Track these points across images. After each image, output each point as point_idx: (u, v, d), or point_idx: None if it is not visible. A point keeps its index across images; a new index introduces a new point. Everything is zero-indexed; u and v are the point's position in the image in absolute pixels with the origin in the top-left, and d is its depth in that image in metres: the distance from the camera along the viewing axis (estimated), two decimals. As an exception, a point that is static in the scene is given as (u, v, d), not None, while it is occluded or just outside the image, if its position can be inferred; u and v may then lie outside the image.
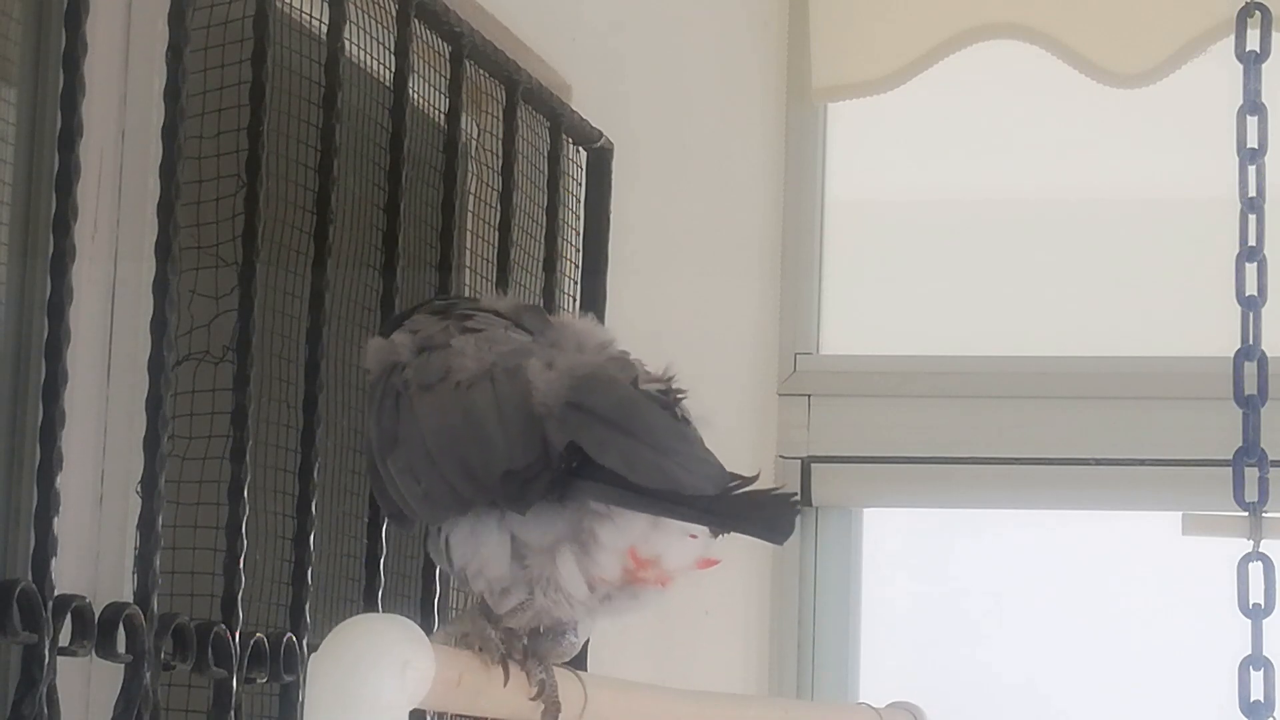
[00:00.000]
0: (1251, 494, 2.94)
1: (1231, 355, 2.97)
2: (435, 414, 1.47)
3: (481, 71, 2.37)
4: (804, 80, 3.56)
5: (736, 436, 3.48)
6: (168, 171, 1.80)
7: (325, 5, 2.06)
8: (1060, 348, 3.57)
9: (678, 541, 1.46)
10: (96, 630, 1.72)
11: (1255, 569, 2.92)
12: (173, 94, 1.81)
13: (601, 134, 2.63)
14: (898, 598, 3.63)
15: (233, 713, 1.87)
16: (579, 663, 1.79)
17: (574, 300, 2.61)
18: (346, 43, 2.07)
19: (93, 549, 1.82)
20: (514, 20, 2.50)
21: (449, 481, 1.45)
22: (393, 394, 1.50)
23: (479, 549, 1.46)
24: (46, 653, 1.66)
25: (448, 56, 2.27)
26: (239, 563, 1.87)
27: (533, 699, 1.51)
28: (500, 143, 2.41)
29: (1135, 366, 3.52)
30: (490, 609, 1.48)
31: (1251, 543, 2.93)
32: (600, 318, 2.44)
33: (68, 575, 1.72)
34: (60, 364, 1.68)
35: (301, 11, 2.05)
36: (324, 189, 2.02)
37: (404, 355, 1.52)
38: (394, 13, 2.16)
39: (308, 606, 1.97)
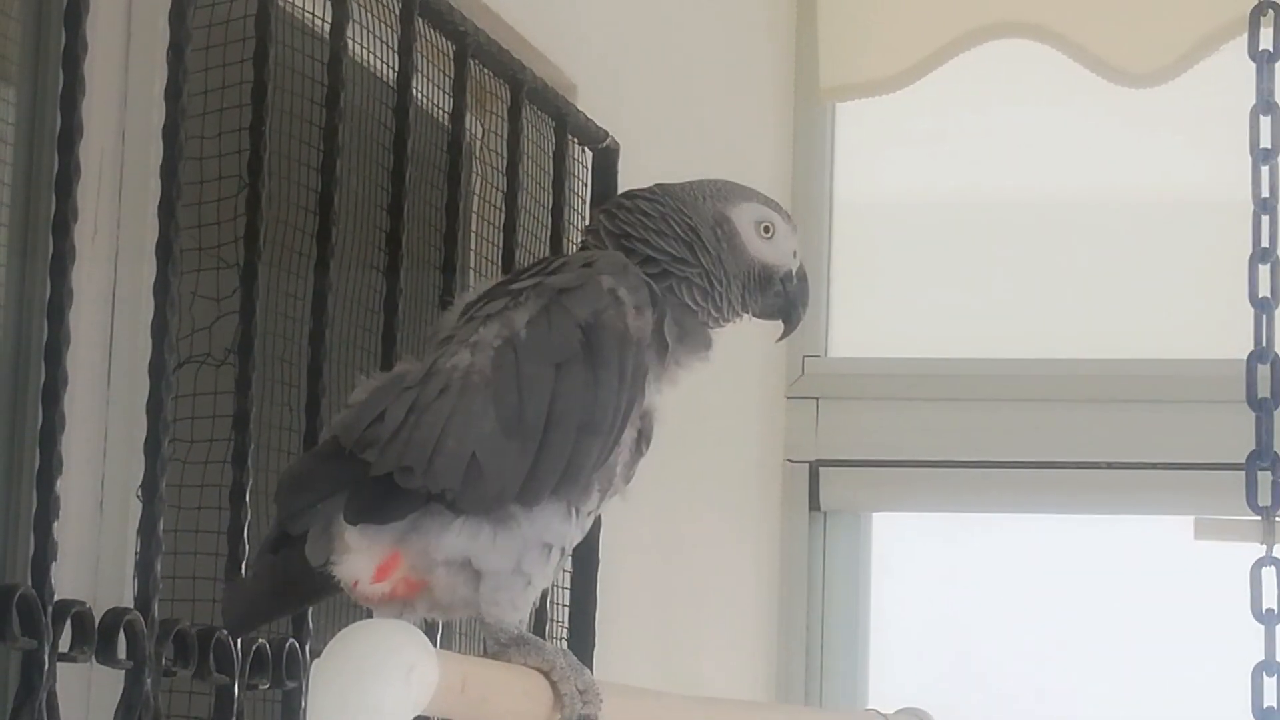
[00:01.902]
0: (1265, 498, 2.91)
1: (1245, 358, 2.95)
2: None
3: (486, 71, 2.36)
4: (812, 80, 3.55)
5: (744, 440, 3.46)
6: (169, 172, 1.79)
7: (328, 4, 2.05)
8: (1071, 350, 3.55)
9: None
10: (97, 636, 1.71)
11: (1269, 574, 2.90)
12: (174, 94, 1.80)
13: (607, 134, 2.61)
14: (906, 603, 3.61)
15: (235, 719, 1.85)
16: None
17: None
18: (349, 42, 2.06)
19: (93, 554, 1.81)
20: (519, 19, 2.49)
21: None
22: None
23: None
24: (46, 659, 1.64)
25: (452, 56, 2.26)
26: (240, 567, 1.86)
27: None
28: (505, 143, 2.40)
29: (1147, 369, 3.50)
30: None
31: (1265, 547, 2.91)
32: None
33: (68, 580, 1.71)
34: (60, 367, 1.67)
35: (304, 10, 2.04)
36: (327, 190, 2.01)
37: None
38: (397, 11, 2.15)
39: (310, 612, 1.95)
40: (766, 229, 1.70)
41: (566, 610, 2.49)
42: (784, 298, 1.72)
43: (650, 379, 1.62)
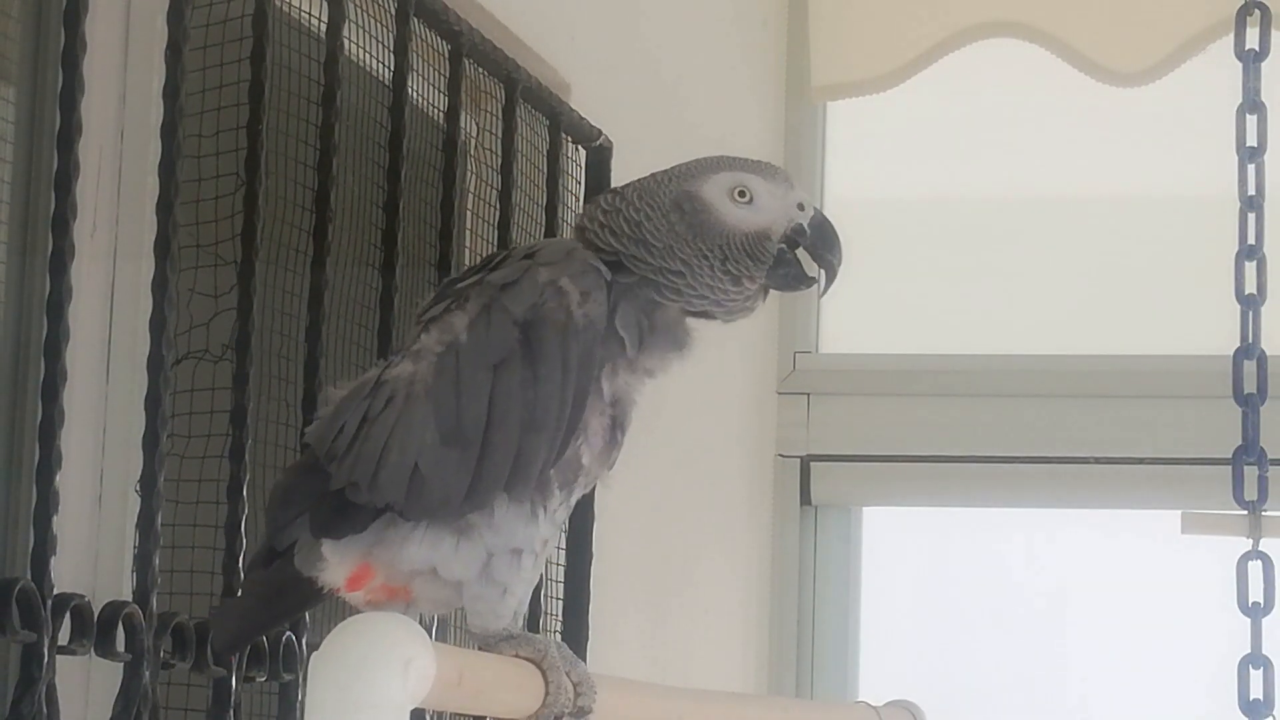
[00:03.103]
0: (1251, 492, 2.93)
1: (1231, 353, 2.97)
2: None
3: (480, 70, 2.37)
4: (803, 78, 3.56)
5: (736, 435, 3.47)
6: (167, 170, 1.80)
7: (324, 4, 2.06)
8: (1059, 346, 3.57)
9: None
10: (95, 629, 1.72)
11: (1255, 567, 2.92)
12: (172, 92, 1.81)
13: (600, 132, 2.63)
14: (897, 596, 3.63)
15: (232, 711, 1.87)
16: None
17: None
18: (346, 41, 2.07)
19: (92, 548, 1.82)
20: (513, 19, 2.50)
21: None
22: None
23: None
24: (46, 651, 1.66)
25: (447, 55, 2.27)
26: (238, 561, 1.87)
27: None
28: (499, 141, 2.41)
29: (1134, 365, 3.52)
30: None
31: (1251, 541, 2.93)
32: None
33: (67, 574, 1.73)
34: (59, 363, 1.68)
35: (301, 10, 2.05)
36: (323, 188, 2.03)
37: None
38: (393, 11, 2.16)
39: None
40: (742, 194, 1.62)
41: (560, 603, 2.51)
42: (795, 264, 1.62)
43: (616, 367, 1.58)
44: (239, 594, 1.66)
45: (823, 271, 1.66)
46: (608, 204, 1.64)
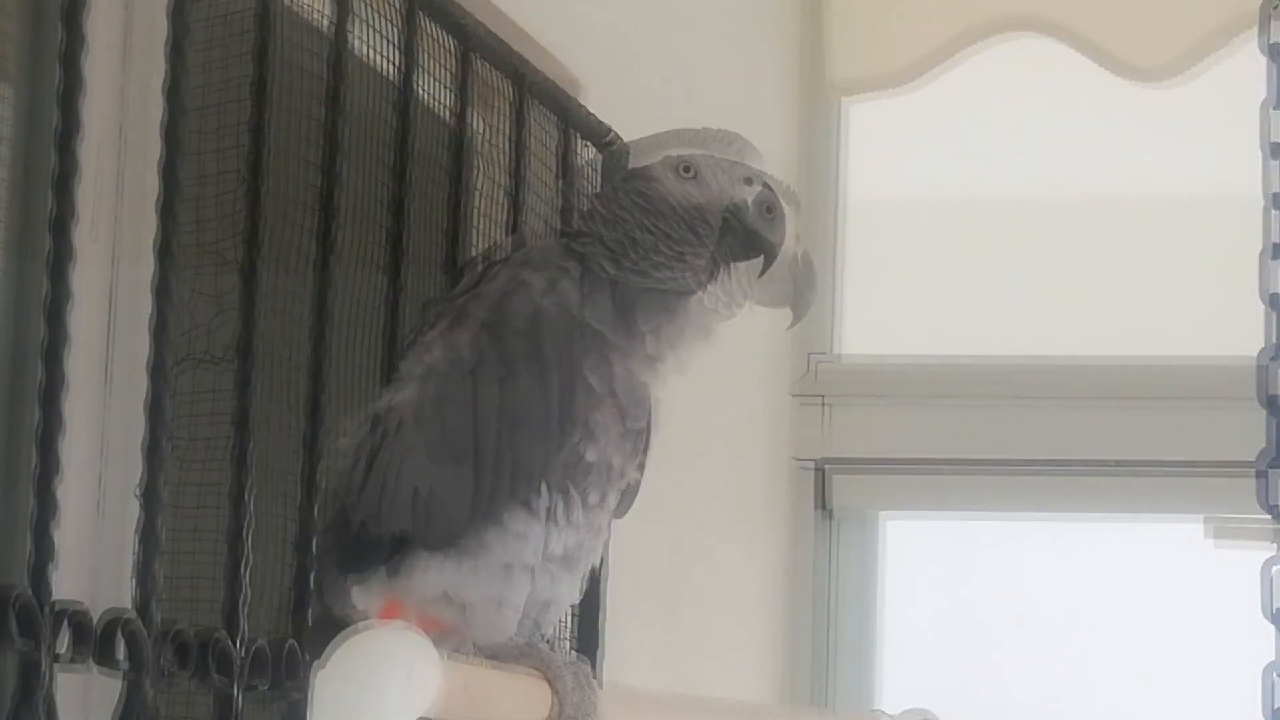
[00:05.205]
0: (1277, 498, 2.91)
1: (1256, 355, 2.94)
2: None
3: (489, 67, 2.35)
4: (819, 75, 3.55)
5: (749, 440, 3.45)
6: (168, 170, 1.78)
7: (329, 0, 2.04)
8: (1083, 349, 3.54)
9: None
10: (96, 639, 1.70)
11: (1280, 573, 2.90)
12: (173, 90, 1.79)
13: (611, 130, 2.60)
14: (916, 606, 3.60)
15: (235, 722, 1.84)
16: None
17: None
18: (351, 38, 2.05)
19: (92, 556, 1.80)
20: (522, 15, 2.48)
21: None
22: None
23: None
24: (44, 662, 1.63)
25: (454, 52, 2.25)
26: (241, 569, 1.85)
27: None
28: (509, 139, 2.39)
29: (1159, 368, 3.49)
30: None
31: (1277, 547, 2.91)
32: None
33: (66, 583, 1.70)
34: (59, 367, 1.67)
35: (305, 6, 2.03)
36: (328, 187, 2.01)
37: None
38: (400, 7, 2.14)
39: (311, 613, 1.94)
40: (686, 169, 1.61)
41: (572, 613, 2.48)
42: (743, 233, 1.60)
43: (609, 358, 1.56)
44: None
45: (762, 254, 1.61)
46: (581, 184, 1.66)
